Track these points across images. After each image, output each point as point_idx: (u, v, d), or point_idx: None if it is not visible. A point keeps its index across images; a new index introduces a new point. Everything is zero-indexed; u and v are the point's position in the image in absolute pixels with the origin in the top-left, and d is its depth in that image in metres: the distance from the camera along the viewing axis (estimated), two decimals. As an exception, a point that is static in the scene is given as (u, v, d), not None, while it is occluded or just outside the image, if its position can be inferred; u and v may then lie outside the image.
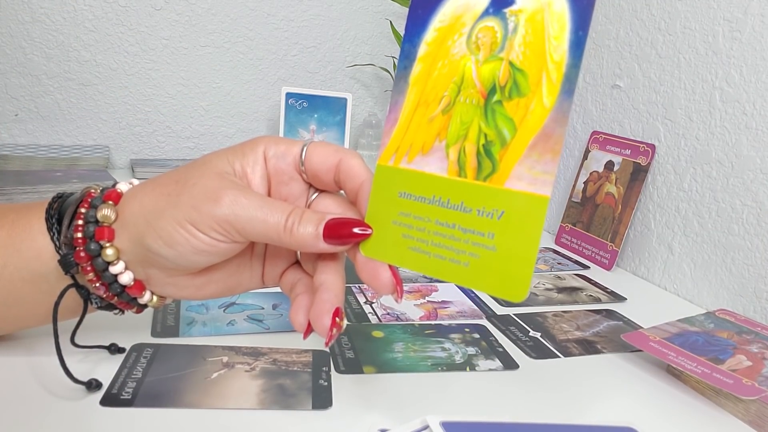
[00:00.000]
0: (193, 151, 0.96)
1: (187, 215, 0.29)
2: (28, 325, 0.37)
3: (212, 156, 0.32)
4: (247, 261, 0.34)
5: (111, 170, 0.86)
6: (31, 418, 0.32)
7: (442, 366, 0.42)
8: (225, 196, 0.29)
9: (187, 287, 0.33)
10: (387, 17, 1.01)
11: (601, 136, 0.71)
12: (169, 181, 0.31)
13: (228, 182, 0.30)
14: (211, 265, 0.32)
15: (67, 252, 0.32)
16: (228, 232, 0.29)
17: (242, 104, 0.97)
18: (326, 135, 0.88)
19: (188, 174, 0.31)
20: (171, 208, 0.30)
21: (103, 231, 0.31)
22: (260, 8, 0.94)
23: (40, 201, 0.35)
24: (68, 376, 0.33)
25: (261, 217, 0.29)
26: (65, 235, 0.32)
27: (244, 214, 0.29)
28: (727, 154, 0.56)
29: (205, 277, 0.33)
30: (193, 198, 0.29)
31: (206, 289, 0.34)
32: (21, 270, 0.33)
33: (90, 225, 0.31)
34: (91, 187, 0.34)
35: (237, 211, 0.29)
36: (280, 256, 0.35)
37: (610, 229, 0.67)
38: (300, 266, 0.35)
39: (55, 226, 0.33)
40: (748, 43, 0.55)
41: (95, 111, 0.88)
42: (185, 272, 0.32)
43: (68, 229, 0.32)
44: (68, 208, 0.33)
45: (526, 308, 0.54)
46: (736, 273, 0.55)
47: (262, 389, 0.36)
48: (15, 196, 0.67)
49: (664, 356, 0.42)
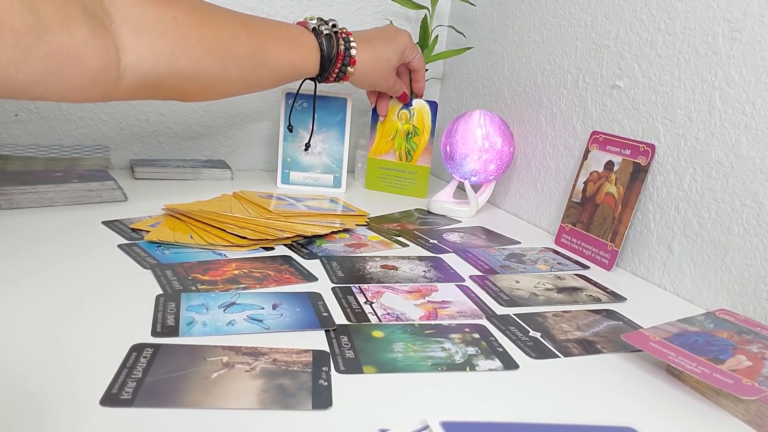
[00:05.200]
0: (193, 152, 0.96)
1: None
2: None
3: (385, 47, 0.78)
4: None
5: (111, 170, 0.86)
6: (31, 417, 0.32)
7: (442, 366, 0.42)
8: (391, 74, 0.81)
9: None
10: (387, 17, 1.01)
11: (600, 136, 0.71)
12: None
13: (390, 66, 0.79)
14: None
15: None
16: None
17: (242, 105, 0.97)
18: (326, 135, 0.88)
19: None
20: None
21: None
22: (260, 8, 0.94)
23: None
24: None
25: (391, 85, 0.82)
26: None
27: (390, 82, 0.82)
28: (727, 154, 0.57)
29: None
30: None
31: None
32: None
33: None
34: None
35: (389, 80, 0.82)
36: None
37: (610, 229, 0.67)
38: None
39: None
40: (748, 43, 0.55)
41: (95, 111, 0.88)
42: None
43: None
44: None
45: (526, 308, 0.54)
46: (736, 273, 0.55)
47: (262, 389, 0.36)
48: (15, 196, 0.67)
49: (664, 356, 0.42)
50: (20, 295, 0.46)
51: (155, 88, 0.57)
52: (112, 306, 0.46)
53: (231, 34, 0.61)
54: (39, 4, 0.45)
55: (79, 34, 0.48)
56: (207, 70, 0.60)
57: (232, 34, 0.61)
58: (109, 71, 0.52)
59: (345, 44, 0.71)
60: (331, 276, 0.56)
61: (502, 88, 0.91)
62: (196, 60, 0.58)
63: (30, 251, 0.55)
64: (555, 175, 0.80)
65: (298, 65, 0.68)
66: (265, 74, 0.66)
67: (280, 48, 0.66)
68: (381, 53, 0.76)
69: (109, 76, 0.52)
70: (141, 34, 0.54)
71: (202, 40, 0.58)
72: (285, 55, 0.66)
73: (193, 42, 0.58)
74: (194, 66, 0.58)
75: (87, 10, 0.49)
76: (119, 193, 0.74)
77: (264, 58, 0.64)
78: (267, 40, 0.64)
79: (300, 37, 0.68)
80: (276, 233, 0.63)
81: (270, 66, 0.65)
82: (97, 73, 0.50)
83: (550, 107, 0.81)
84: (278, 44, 0.65)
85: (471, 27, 0.99)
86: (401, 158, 0.93)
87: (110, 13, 0.52)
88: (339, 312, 0.49)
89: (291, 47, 0.67)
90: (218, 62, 0.60)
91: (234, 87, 0.65)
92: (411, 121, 0.91)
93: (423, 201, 0.90)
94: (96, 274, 0.51)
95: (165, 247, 0.59)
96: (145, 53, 0.54)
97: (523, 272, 0.63)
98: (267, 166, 1.01)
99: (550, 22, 0.80)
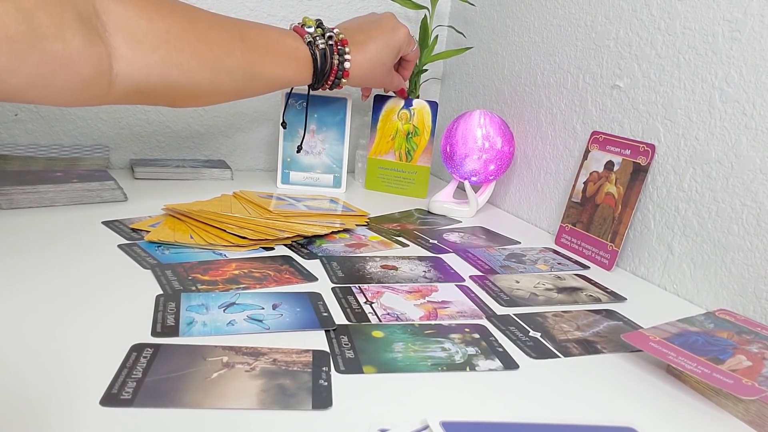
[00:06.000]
0: (193, 152, 0.96)
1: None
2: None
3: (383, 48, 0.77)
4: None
5: (111, 170, 0.86)
6: (31, 417, 0.32)
7: (442, 366, 0.42)
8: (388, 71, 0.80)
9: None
10: (387, 17, 1.01)
11: (600, 136, 0.71)
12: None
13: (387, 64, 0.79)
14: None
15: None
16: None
17: (242, 104, 0.97)
18: (326, 135, 0.88)
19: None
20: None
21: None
22: (260, 8, 0.94)
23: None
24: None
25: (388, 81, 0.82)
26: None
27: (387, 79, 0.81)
28: (727, 154, 0.57)
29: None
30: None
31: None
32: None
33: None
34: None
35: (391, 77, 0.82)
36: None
37: (610, 229, 0.67)
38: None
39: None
40: (748, 44, 0.55)
41: (95, 111, 0.88)
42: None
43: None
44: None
45: (526, 308, 0.54)
46: (736, 273, 0.55)
47: (262, 389, 0.36)
48: (15, 196, 0.67)
49: (664, 356, 0.42)
50: (20, 295, 0.46)
51: (146, 95, 0.58)
52: (112, 306, 0.46)
53: (226, 48, 0.62)
54: (34, 12, 0.45)
55: (73, 41, 0.48)
56: (199, 82, 0.61)
57: (227, 49, 0.62)
58: (100, 78, 0.52)
59: (339, 57, 0.71)
60: (331, 276, 0.56)
61: (502, 88, 0.91)
62: (188, 72, 0.59)
63: (30, 251, 0.55)
64: (555, 175, 0.80)
65: (291, 78, 0.70)
66: (258, 85, 0.68)
67: (276, 62, 0.67)
68: (376, 58, 0.75)
69: (100, 82, 0.53)
70: (134, 46, 0.54)
71: (195, 53, 0.59)
72: (280, 69, 0.67)
73: (186, 56, 0.58)
74: (186, 77, 0.59)
75: (82, 17, 0.49)
76: (119, 193, 0.74)
77: (258, 71, 0.65)
78: (263, 54, 0.65)
79: (295, 52, 0.68)
80: (276, 233, 0.63)
81: (264, 79, 0.67)
82: (89, 80, 0.51)
83: (550, 107, 0.81)
84: (273, 58, 0.66)
85: (471, 27, 0.99)
86: (401, 158, 0.93)
87: (105, 21, 0.52)
88: (339, 312, 0.49)
89: (286, 61, 0.68)
90: (211, 75, 0.61)
91: (225, 96, 0.67)
92: (411, 121, 0.91)
93: (423, 201, 0.90)
94: (96, 274, 0.51)
95: (165, 247, 0.59)
96: (137, 64, 0.55)
97: (523, 272, 0.63)
98: (267, 166, 1.01)
99: (550, 22, 0.80)
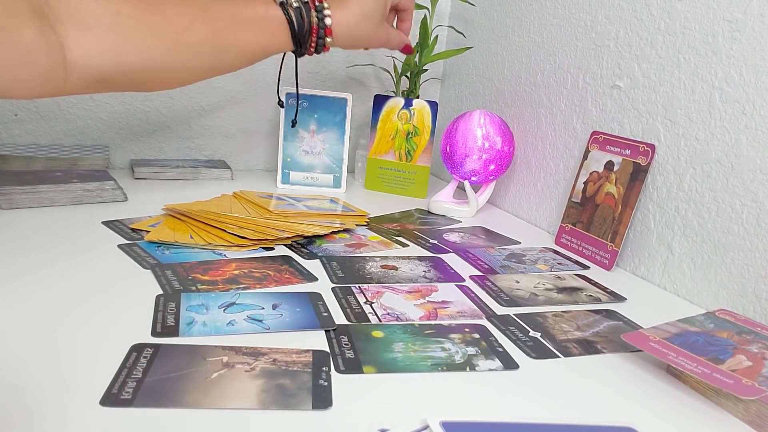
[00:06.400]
0: (193, 151, 0.96)
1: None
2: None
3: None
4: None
5: (111, 170, 0.86)
6: (31, 417, 0.32)
7: (442, 366, 0.42)
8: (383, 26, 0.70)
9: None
10: (387, 17, 1.01)
11: (600, 137, 0.71)
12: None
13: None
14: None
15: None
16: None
17: (243, 104, 0.97)
18: (326, 135, 0.88)
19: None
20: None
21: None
22: None
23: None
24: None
25: (384, 37, 0.70)
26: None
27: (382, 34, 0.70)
28: (727, 154, 0.56)
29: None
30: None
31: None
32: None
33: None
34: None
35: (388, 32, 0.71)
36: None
37: (610, 229, 0.67)
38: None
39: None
40: (748, 44, 0.55)
41: (95, 111, 0.88)
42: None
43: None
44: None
45: (526, 308, 0.54)
46: (736, 273, 0.55)
47: (262, 389, 0.36)
48: (15, 196, 0.67)
49: (664, 356, 0.42)
50: (20, 294, 0.46)
51: (108, 83, 0.55)
52: (112, 306, 0.46)
53: (185, 22, 0.57)
54: None
55: (27, 32, 0.46)
56: (162, 64, 0.56)
57: (186, 23, 0.57)
58: (56, 69, 0.50)
59: (318, 14, 0.64)
60: (331, 276, 0.56)
61: (502, 88, 0.91)
62: (147, 55, 0.55)
63: (30, 251, 0.55)
64: (555, 175, 0.80)
65: (267, 46, 0.63)
66: (230, 59, 0.62)
67: (245, 30, 0.61)
68: (361, 12, 0.67)
69: (56, 74, 0.50)
70: (85, 31, 0.51)
71: (152, 32, 0.55)
72: (251, 37, 0.61)
73: (142, 36, 0.54)
74: (146, 61, 0.55)
75: (33, 6, 0.48)
76: (119, 193, 0.74)
77: (227, 43, 0.60)
78: (228, 23, 0.59)
79: (266, 15, 0.62)
80: (276, 233, 0.63)
81: (235, 51, 0.61)
82: (45, 72, 0.49)
83: (550, 107, 0.81)
84: (242, 26, 0.60)
85: (471, 27, 0.99)
86: (401, 158, 0.93)
87: (55, 9, 0.50)
88: (339, 312, 0.49)
89: (257, 27, 0.62)
90: (173, 54, 0.57)
91: (195, 74, 0.61)
92: (411, 121, 0.91)
93: (423, 201, 0.90)
94: (96, 274, 0.51)
95: (165, 247, 0.59)
96: (91, 51, 0.52)
97: (523, 272, 0.63)
98: (267, 166, 1.01)
99: (550, 22, 0.80)
